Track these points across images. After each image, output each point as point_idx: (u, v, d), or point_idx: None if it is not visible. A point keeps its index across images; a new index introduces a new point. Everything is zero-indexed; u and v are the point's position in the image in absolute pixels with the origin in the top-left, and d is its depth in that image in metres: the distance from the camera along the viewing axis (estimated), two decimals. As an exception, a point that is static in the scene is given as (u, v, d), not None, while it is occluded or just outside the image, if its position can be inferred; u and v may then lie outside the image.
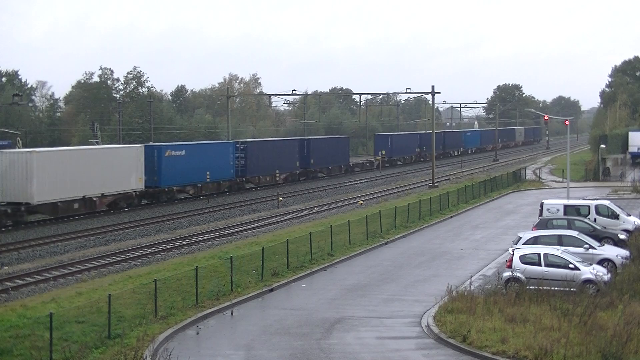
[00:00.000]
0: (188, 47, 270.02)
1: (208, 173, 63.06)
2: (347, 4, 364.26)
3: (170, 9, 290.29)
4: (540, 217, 38.30)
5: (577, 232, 32.06)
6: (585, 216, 37.56)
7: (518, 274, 26.95)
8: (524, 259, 27.55)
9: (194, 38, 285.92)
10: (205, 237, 42.19)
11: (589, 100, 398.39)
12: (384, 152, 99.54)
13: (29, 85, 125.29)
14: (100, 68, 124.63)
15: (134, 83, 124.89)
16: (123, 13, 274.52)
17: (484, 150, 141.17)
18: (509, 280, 26.92)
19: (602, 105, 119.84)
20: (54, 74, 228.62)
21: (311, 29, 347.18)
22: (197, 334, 23.15)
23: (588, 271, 26.86)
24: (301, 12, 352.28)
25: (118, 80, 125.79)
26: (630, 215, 39.74)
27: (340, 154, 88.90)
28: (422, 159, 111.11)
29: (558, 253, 27.71)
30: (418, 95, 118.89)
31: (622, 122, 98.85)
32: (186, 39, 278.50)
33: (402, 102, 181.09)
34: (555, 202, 40.27)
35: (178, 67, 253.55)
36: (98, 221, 48.99)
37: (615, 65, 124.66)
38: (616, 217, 38.20)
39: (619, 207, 40.43)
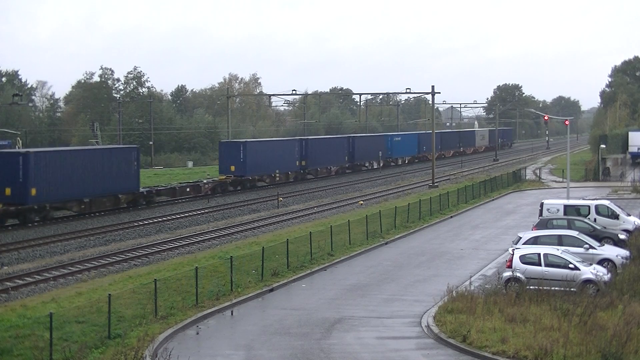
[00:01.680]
0: (193, 47, 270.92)
1: None
2: (352, 4, 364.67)
3: (177, 9, 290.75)
4: (540, 217, 38.29)
5: (577, 232, 32.05)
6: (585, 216, 37.55)
7: (518, 274, 26.95)
8: (524, 259, 27.55)
9: (199, 38, 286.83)
10: (205, 237, 42.18)
11: (589, 100, 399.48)
12: (233, 168, 68.74)
13: (29, 85, 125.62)
14: (101, 68, 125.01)
15: (134, 83, 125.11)
16: (131, 13, 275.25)
17: (424, 159, 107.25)
18: (509, 280, 26.92)
19: (602, 105, 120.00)
20: (58, 74, 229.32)
21: (315, 30, 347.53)
22: (197, 334, 23.15)
23: (588, 271, 26.86)
24: (305, 12, 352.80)
25: (118, 80, 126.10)
26: (630, 215, 39.74)
27: (120, 175, 52.98)
28: (309, 176, 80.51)
29: (558, 253, 27.71)
30: (418, 95, 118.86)
31: (622, 122, 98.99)
32: (191, 39, 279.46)
33: (402, 102, 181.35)
34: (555, 202, 40.25)
35: (182, 67, 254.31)
36: (98, 221, 48.96)
37: (615, 65, 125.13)
38: (616, 217, 38.19)
39: (619, 207, 40.41)
